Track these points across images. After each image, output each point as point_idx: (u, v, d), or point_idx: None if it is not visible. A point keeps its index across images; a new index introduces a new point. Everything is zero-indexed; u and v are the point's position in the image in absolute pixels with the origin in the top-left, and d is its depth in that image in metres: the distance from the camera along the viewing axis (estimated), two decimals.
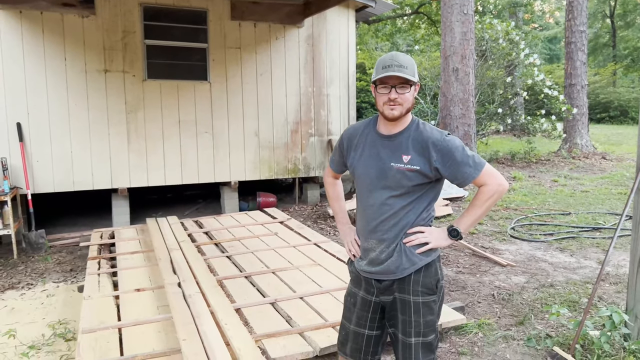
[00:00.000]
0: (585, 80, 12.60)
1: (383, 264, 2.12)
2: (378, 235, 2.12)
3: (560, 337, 3.35)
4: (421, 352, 2.10)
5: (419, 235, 2.09)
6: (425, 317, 2.10)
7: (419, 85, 2.10)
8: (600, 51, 32.39)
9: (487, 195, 2.04)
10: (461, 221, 2.11)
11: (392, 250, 2.10)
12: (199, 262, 4.51)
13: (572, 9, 12.52)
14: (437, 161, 2.01)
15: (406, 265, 2.09)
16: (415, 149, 2.04)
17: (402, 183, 2.05)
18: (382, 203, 2.09)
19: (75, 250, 5.72)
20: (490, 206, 2.07)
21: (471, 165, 2.01)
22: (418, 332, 2.09)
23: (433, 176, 2.04)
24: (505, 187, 2.04)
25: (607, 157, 12.05)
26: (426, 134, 2.05)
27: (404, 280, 2.11)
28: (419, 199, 2.08)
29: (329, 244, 5.23)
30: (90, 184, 6.36)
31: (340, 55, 7.95)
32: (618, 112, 22.84)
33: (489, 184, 2.04)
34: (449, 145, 2.01)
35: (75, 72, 6.20)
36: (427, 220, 2.14)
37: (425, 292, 2.10)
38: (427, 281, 2.10)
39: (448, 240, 2.12)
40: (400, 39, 22.53)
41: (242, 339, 3.03)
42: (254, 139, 7.30)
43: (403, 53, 2.11)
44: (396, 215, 2.08)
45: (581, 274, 4.69)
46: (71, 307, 4.10)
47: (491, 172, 2.05)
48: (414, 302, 2.09)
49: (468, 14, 8.94)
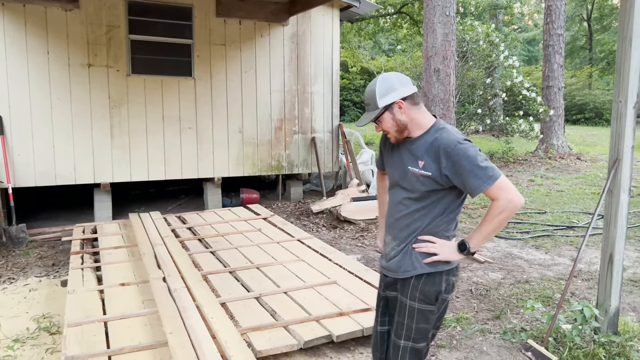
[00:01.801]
0: (562, 83, 12.90)
1: (390, 260, 2.18)
2: (393, 232, 2.18)
3: (534, 330, 3.49)
4: (408, 356, 2.12)
5: (429, 244, 2.08)
6: (418, 323, 2.10)
7: (396, 103, 2.04)
8: (577, 54, 33.08)
9: (496, 211, 1.97)
10: (472, 236, 2.07)
11: (400, 250, 2.14)
12: (183, 257, 4.55)
13: (550, 12, 12.80)
14: (446, 168, 1.98)
15: (407, 267, 2.11)
16: (429, 154, 2.03)
17: (417, 187, 2.06)
18: (399, 202, 2.14)
19: (56, 245, 5.69)
20: (502, 222, 2.00)
21: (481, 177, 1.94)
22: (408, 337, 2.11)
23: (445, 183, 2.01)
24: (516, 204, 1.95)
25: (582, 158, 12.38)
26: (440, 140, 2.02)
27: (405, 282, 2.13)
28: (432, 205, 2.07)
29: (312, 240, 5.31)
30: (73, 178, 6.33)
31: (325, 54, 8.02)
32: (593, 113, 23.40)
33: (499, 198, 1.96)
34: (459, 153, 1.96)
35: (59, 66, 6.15)
36: (443, 229, 2.11)
37: (423, 300, 2.10)
38: (427, 289, 2.09)
39: (457, 254, 2.07)
40: (382, 38, 22.69)
41: (228, 332, 3.09)
42: (237, 136, 7.34)
43: (369, 86, 2.10)
44: (409, 217, 2.10)
45: (555, 270, 4.87)
46: (55, 301, 4.10)
47: (503, 187, 1.95)
48: (410, 306, 2.11)
49: (450, 16, 9.09)
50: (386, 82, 2.06)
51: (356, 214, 6.60)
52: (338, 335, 3.16)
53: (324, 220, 6.69)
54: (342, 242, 5.83)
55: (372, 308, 3.52)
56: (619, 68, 3.17)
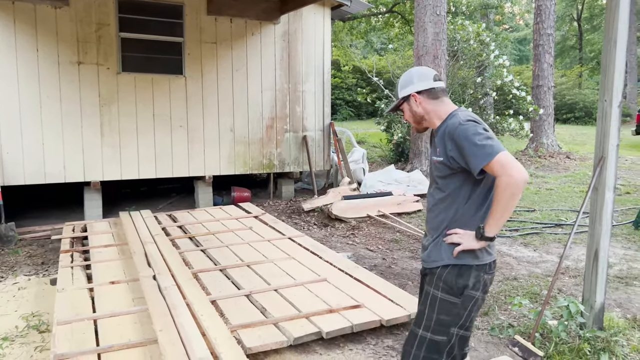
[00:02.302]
0: (552, 82, 13.00)
1: (425, 251, 2.27)
2: (427, 224, 2.28)
3: (521, 326, 3.53)
4: (425, 347, 2.10)
5: (454, 236, 2.11)
6: (439, 314, 2.09)
7: (412, 95, 2.19)
8: (567, 53, 33.36)
9: (499, 189, 1.94)
10: (486, 221, 2.05)
11: (432, 241, 2.21)
12: (173, 256, 4.56)
13: (540, 12, 12.89)
14: (451, 150, 2.05)
15: (435, 258, 2.17)
16: (441, 141, 2.11)
17: (437, 175, 2.16)
18: (430, 194, 2.26)
19: (46, 244, 5.67)
20: (508, 201, 1.93)
21: (478, 155, 1.95)
22: (427, 327, 2.10)
23: (454, 166, 2.05)
24: (517, 179, 1.90)
25: (571, 157, 12.49)
26: (447, 125, 2.10)
27: (432, 272, 2.18)
28: (454, 194, 2.11)
29: (303, 238, 5.33)
30: (62, 176, 6.30)
31: (316, 52, 8.04)
32: (583, 113, 23.58)
33: (499, 175, 1.93)
34: (460, 134, 2.00)
35: (48, 63, 6.12)
36: (474, 219, 2.10)
37: (446, 290, 2.09)
38: (451, 279, 2.09)
39: (476, 241, 2.05)
40: (374, 37, 22.74)
41: (218, 329, 3.11)
42: (229, 134, 7.34)
43: (407, 72, 2.28)
44: (436, 208, 2.19)
45: (543, 267, 4.92)
46: (44, 299, 4.09)
47: (502, 163, 1.92)
48: (432, 295, 2.13)
49: (441, 15, 9.14)
50: (407, 76, 2.24)
51: (347, 212, 6.62)
52: (328, 331, 3.19)
53: (315, 219, 6.71)
54: (333, 240, 5.86)
55: (362, 305, 3.55)
56: (604, 68, 3.22)
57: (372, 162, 11.12)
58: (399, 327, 3.51)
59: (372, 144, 13.88)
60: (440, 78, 2.23)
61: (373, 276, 4.18)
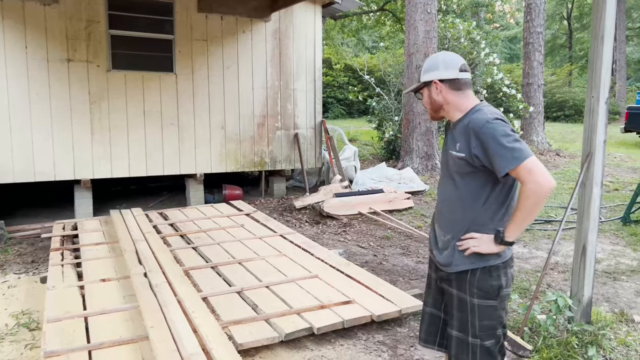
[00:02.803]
0: (541, 80, 13.10)
1: (442, 253, 2.13)
2: (439, 221, 2.17)
3: (511, 321, 3.56)
4: (479, 354, 2.06)
5: (469, 241, 2.04)
6: (482, 320, 2.04)
7: (436, 82, 2.10)
8: (557, 52, 33.58)
9: (524, 195, 1.89)
10: (507, 226, 2.01)
11: (447, 242, 2.11)
12: (164, 253, 4.55)
13: (530, 10, 12.98)
14: (475, 148, 1.96)
15: (458, 262, 2.07)
16: (464, 135, 2.02)
17: (455, 170, 2.06)
18: (445, 190, 2.15)
19: (36, 242, 5.63)
20: (532, 208, 1.90)
21: (506, 157, 1.88)
22: (475, 334, 2.05)
23: (476, 164, 1.98)
24: (544, 188, 1.85)
25: (561, 154, 12.60)
26: (472, 121, 2.00)
27: (459, 277, 2.08)
28: (473, 194, 2.03)
29: (294, 235, 5.34)
30: (52, 174, 6.26)
31: (307, 50, 8.04)
32: (573, 111, 23.73)
33: (526, 182, 1.87)
34: (487, 132, 1.92)
35: (37, 61, 6.08)
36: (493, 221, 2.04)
37: (482, 296, 2.04)
38: (484, 284, 2.04)
39: (495, 245, 2.01)
40: (366, 35, 22.77)
41: (210, 325, 3.11)
42: (220, 132, 7.33)
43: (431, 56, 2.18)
44: (452, 205, 2.10)
45: (532, 263, 4.97)
46: (34, 298, 4.07)
47: (530, 169, 1.86)
48: (470, 302, 2.05)
49: (431, 13, 9.18)
50: (433, 60, 2.14)
51: (339, 209, 6.64)
52: (319, 327, 3.20)
53: (306, 216, 6.73)
54: (325, 237, 5.87)
55: (353, 301, 3.57)
56: (592, 65, 3.25)
57: (363, 160, 11.14)
58: (390, 322, 3.53)
59: (363, 141, 13.91)
60: (467, 68, 2.11)
61: (364, 272, 4.21)
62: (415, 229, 6.07)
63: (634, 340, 3.31)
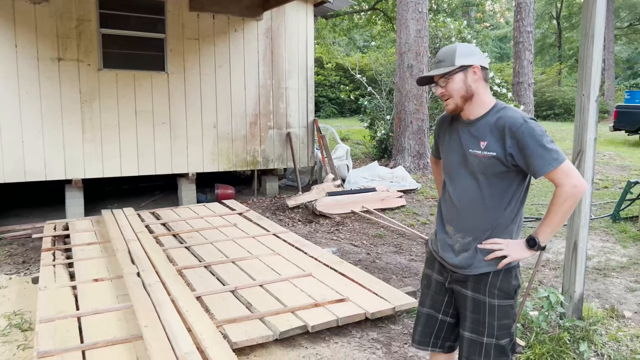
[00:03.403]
0: (532, 79, 13.20)
1: (457, 255, 2.07)
2: (455, 223, 2.08)
3: None
4: (493, 353, 2.03)
5: (495, 247, 1.99)
6: (500, 320, 2.02)
7: (474, 67, 1.97)
8: (547, 51, 33.83)
9: (561, 199, 1.88)
10: (540, 230, 1.97)
11: (467, 244, 2.04)
12: (157, 253, 4.53)
13: (520, 10, 13.07)
14: (511, 147, 1.90)
15: (477, 264, 2.03)
16: (493, 134, 1.95)
17: (480, 170, 1.97)
18: (463, 190, 2.05)
19: (27, 242, 5.59)
20: (568, 210, 1.90)
21: (546, 158, 1.86)
22: (492, 334, 2.02)
23: (509, 164, 1.93)
24: (581, 190, 1.86)
25: None
26: (505, 119, 1.93)
27: (479, 279, 2.03)
28: (499, 196, 1.98)
29: (287, 234, 5.34)
30: (43, 174, 6.21)
31: (299, 49, 8.04)
32: (562, 109, 23.94)
33: (563, 184, 1.87)
34: (525, 132, 1.88)
35: (27, 59, 6.02)
36: (510, 223, 2.02)
37: (503, 296, 2.02)
38: (506, 286, 2.02)
39: (527, 251, 1.97)
40: (357, 35, 22.80)
41: (204, 324, 3.11)
42: (212, 131, 7.31)
43: (449, 46, 2.04)
44: (474, 206, 2.02)
45: (524, 260, 4.98)
46: (26, 298, 4.04)
47: (567, 172, 1.87)
48: (490, 304, 2.02)
49: (422, 12, 9.21)
50: (469, 47, 2.01)
51: (332, 208, 6.65)
52: (313, 325, 3.21)
53: (299, 215, 6.73)
54: (318, 236, 5.88)
55: (346, 299, 3.58)
56: (582, 63, 3.29)
57: (355, 159, 11.16)
58: (384, 320, 3.55)
59: (355, 140, 13.93)
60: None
61: (358, 270, 4.22)
62: (407, 227, 6.10)
63: (625, 336, 3.35)
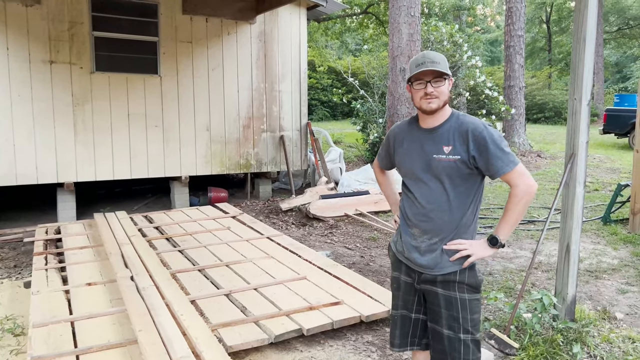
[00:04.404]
0: (522, 82, 13.29)
1: (423, 255, 2.16)
2: (422, 225, 2.16)
3: (497, 319, 3.62)
4: (472, 348, 2.12)
5: (459, 247, 2.11)
6: (472, 314, 2.13)
7: (452, 80, 2.15)
8: (537, 55, 34.12)
9: (517, 198, 2.04)
10: (500, 228, 2.11)
11: (434, 245, 2.14)
12: (151, 256, 4.51)
13: (511, 14, 13.17)
14: (473, 149, 2.05)
15: (445, 264, 2.13)
16: (456, 138, 2.07)
17: (445, 173, 2.08)
18: (429, 193, 2.13)
19: (18, 246, 5.54)
20: (523, 208, 2.06)
21: (504, 160, 2.03)
22: (467, 330, 2.11)
23: (472, 166, 2.06)
24: (534, 189, 2.04)
25: (542, 155, 12.79)
26: (468, 124, 2.08)
27: (447, 277, 2.13)
28: (463, 197, 2.10)
29: (281, 237, 5.34)
30: (35, 178, 6.17)
31: (292, 52, 8.06)
32: (553, 112, 24.15)
33: (518, 184, 2.04)
34: (486, 136, 2.03)
35: (19, 62, 5.99)
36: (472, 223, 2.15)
37: (471, 290, 2.13)
38: (472, 281, 2.13)
39: (489, 249, 2.12)
40: (349, 38, 22.85)
41: (199, 328, 3.10)
42: (205, 134, 7.29)
43: (434, 51, 2.17)
44: (439, 208, 2.11)
45: (517, 263, 5.04)
46: (18, 303, 4.01)
47: (522, 173, 2.05)
48: (461, 299, 2.12)
49: (415, 16, 9.25)
50: (441, 56, 2.12)
51: (325, 211, 6.66)
52: (308, 328, 3.21)
53: (293, 218, 6.73)
54: (312, 239, 5.88)
55: (341, 302, 3.59)
56: (574, 67, 3.32)
57: (348, 162, 11.19)
58: (378, 322, 3.56)
59: (348, 143, 13.95)
60: None
61: (352, 273, 4.23)
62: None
63: (617, 337, 3.38)
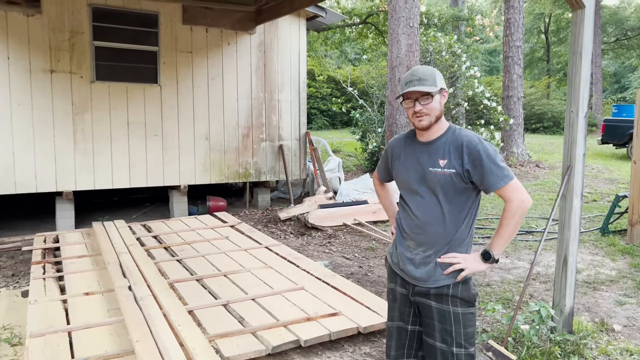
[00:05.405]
0: (521, 92, 13.35)
1: (417, 267, 2.17)
2: (417, 238, 2.18)
3: (495, 331, 3.62)
4: None
5: (453, 261, 2.11)
6: (466, 328, 2.13)
7: (446, 92, 2.15)
8: (536, 65, 34.31)
9: (511, 212, 2.05)
10: (493, 243, 2.12)
11: (428, 258, 2.15)
12: (149, 266, 4.51)
13: (510, 25, 13.26)
14: (468, 163, 2.06)
15: (438, 277, 2.13)
16: (452, 152, 2.09)
17: (440, 186, 2.09)
18: (424, 206, 2.15)
19: (16, 255, 5.53)
20: (517, 223, 2.07)
21: (498, 174, 2.03)
22: (460, 344, 2.11)
23: (467, 179, 2.07)
24: (528, 204, 2.05)
25: (541, 165, 12.82)
26: (463, 138, 2.10)
27: (440, 290, 2.13)
28: (457, 211, 2.11)
29: (279, 247, 5.34)
30: (34, 186, 6.17)
31: (292, 62, 8.10)
32: (551, 122, 24.24)
33: (512, 199, 2.04)
34: (481, 150, 2.05)
35: (19, 71, 6.02)
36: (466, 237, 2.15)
37: (465, 304, 2.13)
38: (466, 295, 2.13)
39: (483, 264, 2.13)
40: (348, 48, 22.99)
41: (196, 339, 3.09)
42: (204, 143, 7.31)
43: (424, 66, 2.19)
44: (433, 221, 2.12)
45: (515, 273, 5.04)
46: (15, 312, 4.00)
47: (516, 188, 2.05)
48: (454, 312, 2.12)
49: (414, 27, 9.32)
50: (433, 70, 2.13)
51: (324, 220, 6.66)
52: (306, 340, 3.20)
53: (291, 228, 6.73)
54: (310, 248, 5.88)
55: (339, 313, 3.58)
56: (570, 80, 3.35)
57: (347, 171, 11.20)
58: (376, 334, 3.55)
59: (347, 153, 13.99)
60: None
61: (350, 284, 4.22)
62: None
63: (615, 350, 3.38)
